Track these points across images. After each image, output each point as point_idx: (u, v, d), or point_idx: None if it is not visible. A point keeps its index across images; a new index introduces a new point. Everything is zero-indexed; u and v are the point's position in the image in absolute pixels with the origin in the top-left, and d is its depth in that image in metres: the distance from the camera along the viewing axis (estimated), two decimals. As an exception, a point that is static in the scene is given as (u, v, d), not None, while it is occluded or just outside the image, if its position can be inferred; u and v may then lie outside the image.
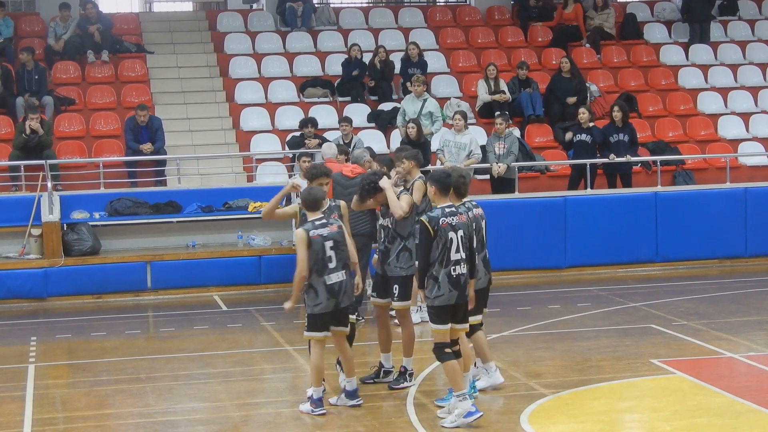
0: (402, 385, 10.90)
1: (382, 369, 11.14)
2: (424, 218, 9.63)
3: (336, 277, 10.05)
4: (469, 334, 10.64)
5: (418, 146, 17.75)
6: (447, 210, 9.66)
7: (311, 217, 10.14)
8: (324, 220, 10.13)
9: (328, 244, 10.01)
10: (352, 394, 10.33)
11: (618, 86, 22.36)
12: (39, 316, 16.00)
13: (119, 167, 18.89)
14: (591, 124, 18.80)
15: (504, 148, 18.05)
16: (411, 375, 11.02)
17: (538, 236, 17.77)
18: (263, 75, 21.67)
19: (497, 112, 19.44)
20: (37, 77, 19.67)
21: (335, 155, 15.10)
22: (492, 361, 10.84)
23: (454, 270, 9.59)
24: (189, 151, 19.52)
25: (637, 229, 18.15)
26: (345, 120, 18.02)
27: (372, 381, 11.10)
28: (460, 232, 9.63)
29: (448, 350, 9.65)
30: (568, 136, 18.79)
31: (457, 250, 9.59)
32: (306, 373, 11.68)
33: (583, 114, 18.81)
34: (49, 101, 19.67)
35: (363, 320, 14.14)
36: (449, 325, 9.69)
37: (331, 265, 10.02)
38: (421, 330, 12.90)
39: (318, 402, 10.10)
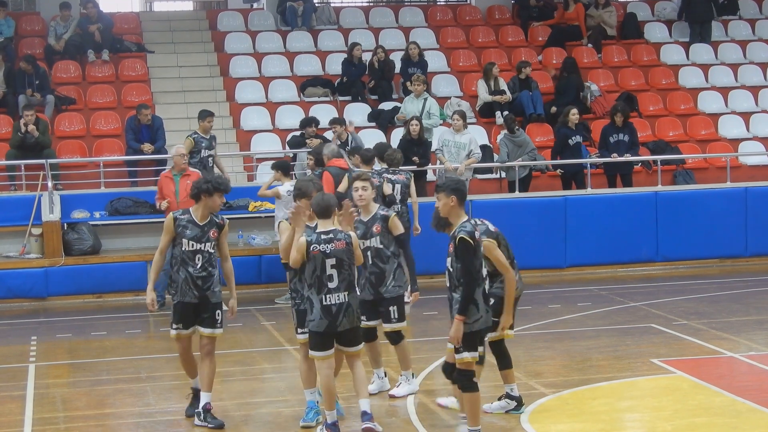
0: (208, 424, 9.78)
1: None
2: (463, 234, 8.63)
3: (335, 299, 9.20)
4: (395, 342, 10.58)
5: (420, 144, 17.85)
6: (472, 222, 8.85)
7: (321, 227, 9.30)
8: (329, 236, 9.25)
9: (330, 261, 9.19)
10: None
11: (618, 86, 22.36)
12: (39, 315, 16.00)
13: (120, 167, 18.89)
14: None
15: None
16: (208, 412, 9.84)
17: (539, 236, 17.76)
18: (264, 74, 21.67)
19: (505, 112, 19.60)
20: (38, 82, 19.67)
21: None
22: (411, 370, 10.78)
23: (486, 289, 8.91)
24: (189, 150, 19.51)
25: (637, 229, 18.16)
26: (335, 121, 17.93)
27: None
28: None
29: (475, 379, 8.86)
30: (580, 142, 18.74)
31: (486, 265, 8.97)
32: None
33: (573, 115, 18.79)
34: (50, 100, 19.70)
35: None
36: (479, 352, 8.91)
37: (331, 285, 9.18)
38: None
39: (333, 427, 9.36)
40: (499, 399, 9.95)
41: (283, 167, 15.91)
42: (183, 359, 10.05)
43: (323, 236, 9.22)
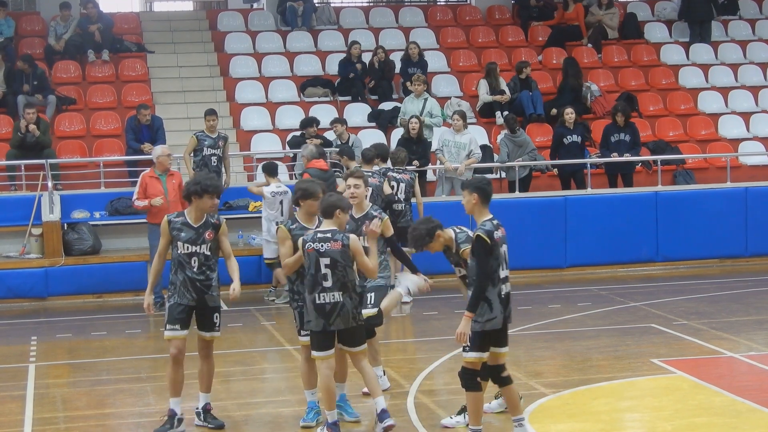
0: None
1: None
2: (481, 233, 8.66)
3: (330, 298, 9.18)
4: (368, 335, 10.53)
5: (419, 144, 17.85)
6: (494, 222, 8.79)
7: (323, 226, 9.33)
8: (326, 235, 9.28)
9: (324, 260, 9.15)
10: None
11: (618, 86, 22.36)
12: (39, 315, 16.00)
13: (120, 167, 18.89)
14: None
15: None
16: (208, 412, 9.83)
17: (539, 236, 17.76)
18: (264, 74, 21.67)
19: (505, 112, 19.57)
20: (36, 83, 19.65)
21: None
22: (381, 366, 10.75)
23: (503, 289, 8.78)
24: (189, 150, 19.51)
25: (637, 229, 18.16)
26: (337, 121, 18.03)
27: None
28: (504, 247, 8.85)
29: (479, 379, 8.85)
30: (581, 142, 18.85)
31: (504, 267, 8.82)
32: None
33: (568, 114, 18.80)
34: (52, 100, 19.70)
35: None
36: (488, 353, 8.84)
37: (326, 284, 9.17)
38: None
39: (333, 426, 9.33)
40: (496, 397, 9.93)
41: (269, 168, 16.18)
42: (173, 368, 9.71)
43: (319, 234, 9.23)
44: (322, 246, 9.17)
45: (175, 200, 14.99)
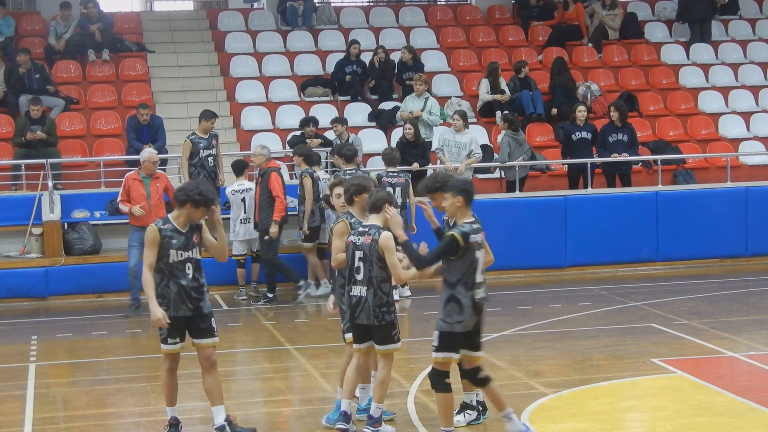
0: None
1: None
2: (456, 233, 8.66)
3: (358, 291, 9.21)
4: None
5: (417, 147, 17.84)
6: (474, 227, 8.78)
7: (369, 221, 9.35)
8: (365, 228, 9.26)
9: (358, 254, 9.19)
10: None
11: (619, 85, 22.36)
12: (40, 315, 16.00)
13: (120, 166, 18.88)
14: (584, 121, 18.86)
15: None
16: (232, 423, 9.52)
17: (539, 236, 17.77)
18: (264, 74, 21.67)
19: (505, 111, 19.58)
20: (38, 76, 19.65)
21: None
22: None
23: (477, 294, 8.79)
24: (190, 150, 19.50)
25: (637, 229, 18.16)
26: (337, 121, 18.06)
27: None
28: (482, 251, 8.83)
29: (448, 380, 8.83)
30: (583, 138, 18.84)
31: (480, 272, 8.82)
32: (306, 372, 11.70)
33: (580, 112, 18.81)
34: (60, 103, 19.67)
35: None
36: (459, 354, 8.89)
37: (358, 277, 9.20)
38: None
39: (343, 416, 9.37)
40: (458, 413, 9.64)
41: (235, 167, 16.63)
42: (168, 380, 9.42)
43: (360, 228, 9.30)
44: (358, 239, 9.23)
45: (158, 204, 14.97)
